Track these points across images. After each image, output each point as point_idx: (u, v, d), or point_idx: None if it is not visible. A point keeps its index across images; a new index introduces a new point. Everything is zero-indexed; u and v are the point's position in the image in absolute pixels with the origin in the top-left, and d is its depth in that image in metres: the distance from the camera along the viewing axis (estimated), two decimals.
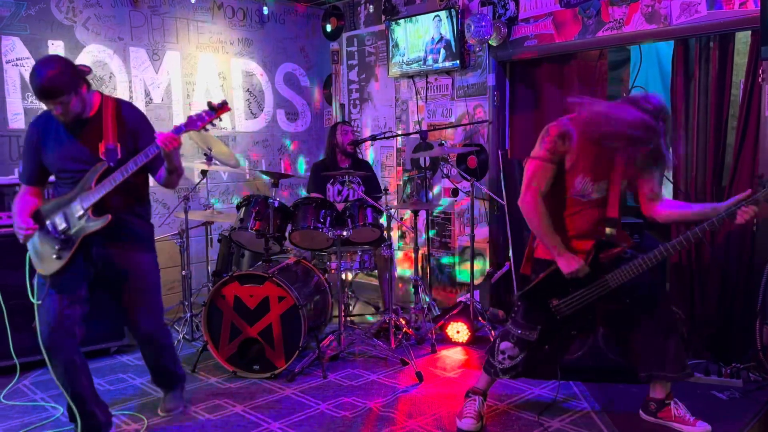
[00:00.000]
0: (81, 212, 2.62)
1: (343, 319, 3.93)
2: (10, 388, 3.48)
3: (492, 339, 4.01)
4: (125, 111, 2.77)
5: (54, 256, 2.67)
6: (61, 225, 2.66)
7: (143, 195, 2.85)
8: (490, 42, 4.58)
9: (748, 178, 3.58)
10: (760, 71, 3.47)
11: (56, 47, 4.41)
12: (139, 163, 2.60)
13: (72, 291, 2.70)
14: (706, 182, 3.77)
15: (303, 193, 5.64)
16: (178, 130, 2.57)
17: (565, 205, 2.70)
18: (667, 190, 4.18)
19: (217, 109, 2.65)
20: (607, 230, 2.65)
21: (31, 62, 4.31)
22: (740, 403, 3.13)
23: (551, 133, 2.64)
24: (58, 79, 2.49)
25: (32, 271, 2.76)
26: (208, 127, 2.65)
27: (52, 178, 2.81)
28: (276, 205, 3.90)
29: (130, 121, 2.74)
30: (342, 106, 5.91)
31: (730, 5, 3.49)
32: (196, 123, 2.62)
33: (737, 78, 3.70)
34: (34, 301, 2.70)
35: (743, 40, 3.68)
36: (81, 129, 2.67)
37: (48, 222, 2.69)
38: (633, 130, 2.45)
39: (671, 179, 3.90)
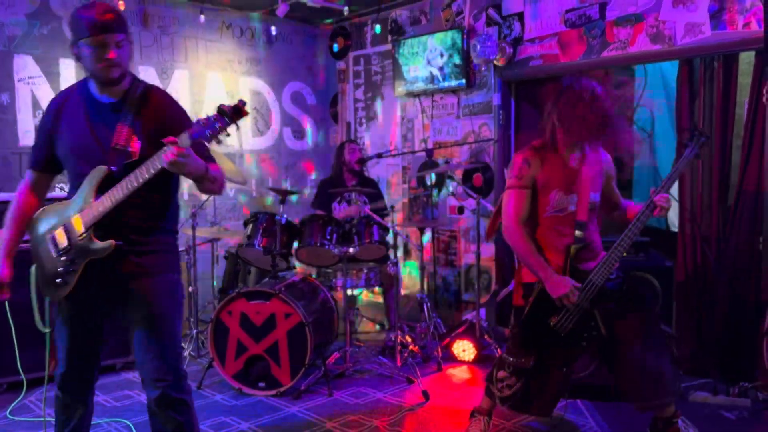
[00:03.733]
0: (82, 231, 2.10)
1: (349, 336, 3.93)
2: (16, 403, 3.48)
3: (495, 358, 4.02)
4: (156, 98, 2.19)
5: (58, 280, 2.15)
6: (63, 243, 2.14)
7: (165, 204, 2.26)
8: (495, 62, 4.63)
9: (753, 197, 3.59)
10: (764, 91, 3.49)
11: (67, 66, 4.48)
12: (141, 180, 2.03)
13: (84, 322, 2.24)
14: (711, 201, 3.78)
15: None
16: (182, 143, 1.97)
17: (542, 226, 2.74)
18: (674, 210, 4.19)
19: (232, 115, 1.95)
20: (576, 233, 2.69)
21: (43, 80, 4.39)
22: (748, 423, 3.11)
23: (516, 161, 2.77)
24: (117, 12, 2.10)
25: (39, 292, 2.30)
26: (222, 138, 1.99)
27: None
28: (283, 221, 3.93)
29: (159, 112, 2.16)
30: (348, 124, 5.95)
31: (734, 26, 3.53)
32: (204, 132, 1.95)
33: (741, 98, 3.72)
34: (41, 329, 2.27)
35: (747, 60, 3.71)
36: (101, 118, 2.15)
37: (48, 236, 2.18)
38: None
39: (677, 198, 3.91)
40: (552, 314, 2.67)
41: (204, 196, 4.61)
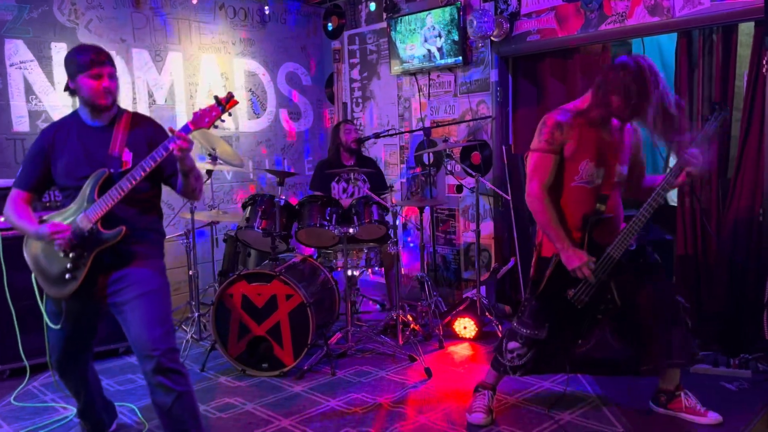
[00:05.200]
0: (90, 225, 2.36)
1: (351, 316, 3.94)
2: (20, 389, 3.49)
3: (499, 335, 4.03)
4: (139, 120, 2.60)
5: (67, 276, 2.41)
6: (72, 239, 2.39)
7: (157, 206, 2.64)
8: (492, 38, 4.58)
9: (753, 169, 3.58)
10: (764, 62, 3.47)
11: (59, 49, 4.42)
12: (147, 168, 2.35)
13: (87, 317, 2.58)
14: (711, 174, 3.77)
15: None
16: (186, 130, 2.35)
17: (568, 195, 2.69)
18: None
19: (225, 103, 2.39)
20: (598, 205, 2.65)
21: (35, 65, 4.34)
22: (749, 394, 3.13)
23: (548, 123, 2.64)
24: (107, 52, 2.48)
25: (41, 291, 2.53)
26: (217, 123, 2.41)
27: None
28: (282, 203, 3.91)
29: (143, 129, 2.54)
30: (344, 104, 5.91)
31: None
32: (203, 119, 2.38)
33: (741, 70, 3.70)
34: (51, 326, 2.53)
35: (746, 31, 3.68)
36: (93, 138, 2.50)
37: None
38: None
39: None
40: (569, 287, 2.67)
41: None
